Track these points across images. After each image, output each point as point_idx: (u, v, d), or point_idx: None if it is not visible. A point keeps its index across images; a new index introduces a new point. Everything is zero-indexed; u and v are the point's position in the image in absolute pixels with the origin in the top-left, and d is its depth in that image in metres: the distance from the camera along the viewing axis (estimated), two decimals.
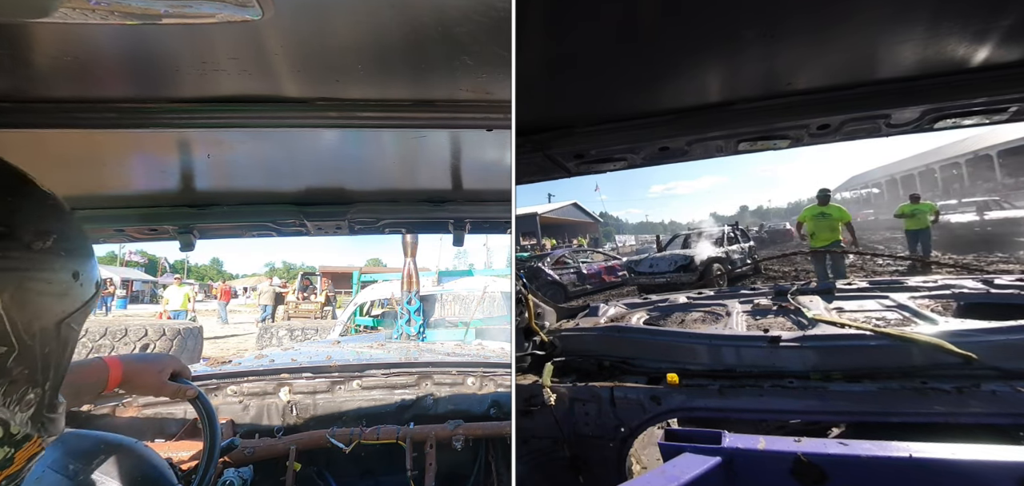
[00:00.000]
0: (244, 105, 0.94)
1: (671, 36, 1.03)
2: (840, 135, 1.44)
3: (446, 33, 0.74)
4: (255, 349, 8.95)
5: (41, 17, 0.63)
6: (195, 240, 1.64)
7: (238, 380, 2.14)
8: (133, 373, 1.12)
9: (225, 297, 18.57)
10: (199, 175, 1.37)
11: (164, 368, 1.18)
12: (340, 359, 2.44)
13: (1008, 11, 0.96)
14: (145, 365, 1.17)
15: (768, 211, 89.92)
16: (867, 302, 1.78)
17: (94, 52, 0.78)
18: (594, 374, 1.60)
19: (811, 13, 0.96)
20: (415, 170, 1.44)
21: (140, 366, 1.15)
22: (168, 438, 1.93)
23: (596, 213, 42.58)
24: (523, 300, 1.88)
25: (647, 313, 2.06)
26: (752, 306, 1.90)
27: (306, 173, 1.42)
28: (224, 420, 2.05)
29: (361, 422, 2.06)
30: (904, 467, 0.88)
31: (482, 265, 12.36)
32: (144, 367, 1.16)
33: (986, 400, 1.10)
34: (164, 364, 1.19)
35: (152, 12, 0.62)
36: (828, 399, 1.22)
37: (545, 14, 0.90)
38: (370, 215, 1.64)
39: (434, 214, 1.67)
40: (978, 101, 1.25)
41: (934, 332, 1.28)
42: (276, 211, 1.61)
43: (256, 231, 1.71)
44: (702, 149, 1.53)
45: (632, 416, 1.37)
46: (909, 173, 30.66)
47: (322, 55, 0.82)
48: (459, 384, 2.30)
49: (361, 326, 7.43)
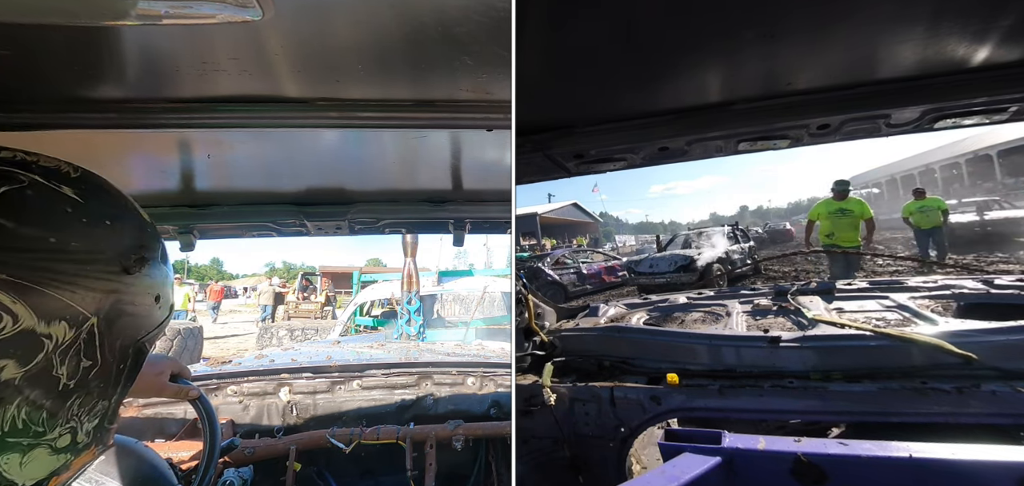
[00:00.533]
0: (244, 105, 0.94)
1: (671, 36, 1.03)
2: (840, 135, 1.44)
3: (446, 33, 0.74)
4: (255, 349, 8.96)
5: (41, 17, 0.63)
6: (195, 240, 1.64)
7: (238, 380, 2.14)
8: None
9: (215, 297, 18.47)
10: (199, 175, 1.37)
11: (163, 370, 1.17)
12: (340, 359, 2.44)
13: (1008, 11, 0.96)
14: (146, 368, 1.16)
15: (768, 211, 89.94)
16: (867, 302, 1.78)
17: (94, 52, 0.78)
18: (594, 374, 1.60)
19: (811, 13, 0.96)
20: (415, 170, 1.44)
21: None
22: (168, 438, 1.94)
23: (596, 213, 42.60)
24: (523, 300, 1.88)
25: (647, 313, 2.06)
26: (752, 306, 1.90)
27: (306, 173, 1.42)
28: (224, 420, 2.05)
29: (361, 422, 2.06)
30: (904, 467, 0.88)
31: (482, 265, 12.38)
32: (144, 370, 1.16)
33: (986, 400, 1.10)
34: (163, 366, 1.18)
35: (152, 12, 0.62)
36: (828, 399, 1.22)
37: (545, 14, 0.90)
38: (370, 215, 1.64)
39: (434, 214, 1.68)
40: (978, 101, 1.25)
41: (934, 332, 1.28)
42: (276, 211, 1.61)
43: (256, 231, 1.71)
44: (702, 149, 1.53)
45: (632, 416, 1.37)
46: (909, 173, 30.69)
47: (322, 55, 0.82)
48: (459, 384, 2.30)
49: (361, 326, 7.43)
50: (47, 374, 0.51)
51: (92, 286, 0.54)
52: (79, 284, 0.53)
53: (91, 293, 0.54)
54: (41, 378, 0.50)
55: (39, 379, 0.50)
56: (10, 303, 0.47)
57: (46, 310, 0.50)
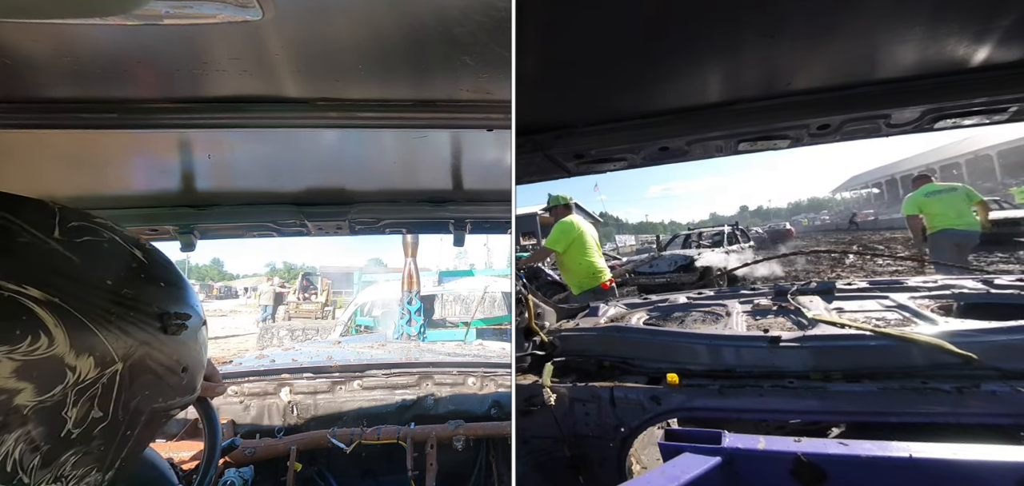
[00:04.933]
0: (245, 105, 0.95)
1: (671, 36, 1.03)
2: (840, 135, 1.44)
3: (446, 33, 0.74)
4: (256, 349, 8.96)
5: (42, 18, 0.63)
6: (196, 241, 1.64)
7: (239, 380, 2.14)
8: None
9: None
10: (200, 175, 1.37)
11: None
12: (341, 359, 2.44)
13: (1008, 11, 0.96)
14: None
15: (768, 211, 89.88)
16: (867, 302, 1.78)
17: (95, 52, 0.78)
18: (594, 374, 1.60)
19: (811, 13, 0.96)
20: (415, 170, 1.44)
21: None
22: (169, 438, 1.93)
23: (596, 213, 42.58)
24: (523, 300, 1.88)
25: (647, 313, 2.06)
26: (752, 306, 1.90)
27: (307, 173, 1.42)
28: (225, 420, 2.05)
29: (362, 422, 2.06)
30: (904, 467, 0.88)
31: (483, 265, 12.37)
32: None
33: (986, 400, 1.10)
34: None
35: (153, 13, 0.62)
36: (828, 399, 1.22)
37: (545, 14, 0.90)
38: (371, 215, 1.64)
39: (434, 214, 1.67)
40: (978, 101, 1.25)
41: (934, 332, 1.28)
42: (277, 211, 1.61)
43: (257, 231, 1.71)
44: (702, 149, 1.53)
45: (632, 416, 1.37)
46: (909, 173, 30.69)
47: (322, 55, 0.82)
48: (460, 384, 2.30)
49: (362, 326, 7.43)
50: (57, 413, 0.50)
51: (128, 331, 0.55)
52: (117, 325, 0.54)
53: (125, 337, 0.55)
54: (49, 415, 0.49)
55: (48, 416, 0.49)
56: (52, 325, 0.48)
57: (80, 341, 0.51)
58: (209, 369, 1.17)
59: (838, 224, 31.08)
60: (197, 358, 0.68)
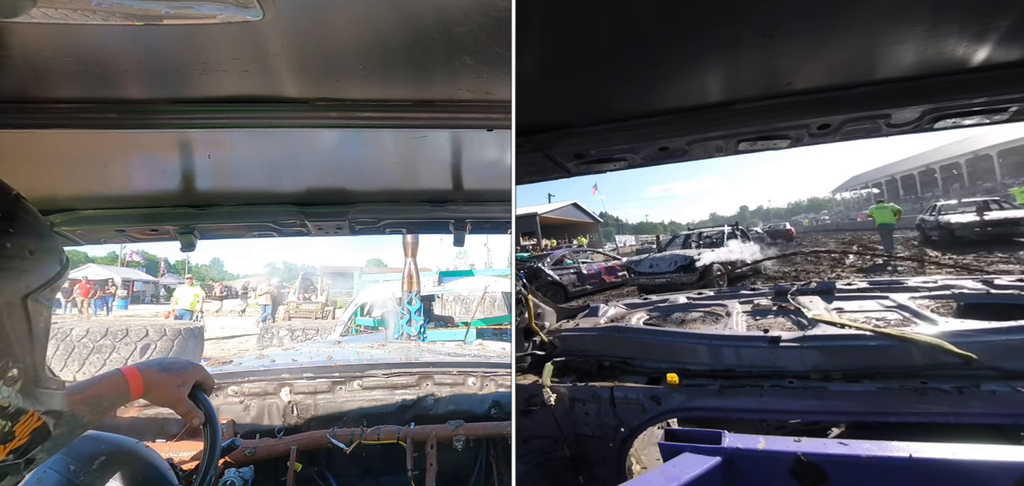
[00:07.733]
0: (245, 105, 0.95)
1: (671, 36, 1.03)
2: (840, 135, 1.44)
3: (446, 33, 0.74)
4: (256, 349, 8.96)
5: (43, 17, 0.63)
6: (196, 240, 1.64)
7: (239, 380, 2.14)
8: (153, 383, 1.04)
9: (83, 292, 17.51)
10: (200, 175, 1.37)
11: (186, 380, 1.10)
12: (341, 359, 2.44)
13: (1008, 11, 0.96)
14: (167, 376, 1.08)
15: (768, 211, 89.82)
16: (867, 302, 1.78)
17: (95, 52, 0.78)
18: (594, 374, 1.60)
19: (811, 13, 0.96)
20: (416, 170, 1.44)
21: (162, 376, 1.07)
22: (169, 438, 1.93)
23: (596, 213, 42.53)
24: (523, 300, 1.88)
25: (647, 313, 2.06)
26: (752, 306, 1.91)
27: (307, 173, 1.42)
28: (225, 420, 2.05)
29: (362, 422, 2.06)
30: (904, 467, 0.88)
31: (483, 265, 12.38)
32: (165, 378, 1.07)
33: (986, 400, 1.10)
34: (186, 376, 1.10)
35: (154, 13, 0.62)
36: (828, 399, 1.22)
37: (545, 14, 0.90)
38: (371, 215, 1.64)
39: (434, 214, 1.67)
40: (978, 101, 1.25)
41: (934, 332, 1.28)
42: (277, 211, 1.61)
43: (257, 231, 1.71)
44: (702, 149, 1.53)
45: (632, 416, 1.37)
46: (909, 173, 30.71)
47: (322, 55, 0.82)
48: (460, 384, 2.30)
49: (362, 326, 7.43)
50: None
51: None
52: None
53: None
54: None
55: None
56: None
57: None
58: (203, 375, 1.15)
59: (839, 224, 31.07)
60: (39, 231, 0.70)
